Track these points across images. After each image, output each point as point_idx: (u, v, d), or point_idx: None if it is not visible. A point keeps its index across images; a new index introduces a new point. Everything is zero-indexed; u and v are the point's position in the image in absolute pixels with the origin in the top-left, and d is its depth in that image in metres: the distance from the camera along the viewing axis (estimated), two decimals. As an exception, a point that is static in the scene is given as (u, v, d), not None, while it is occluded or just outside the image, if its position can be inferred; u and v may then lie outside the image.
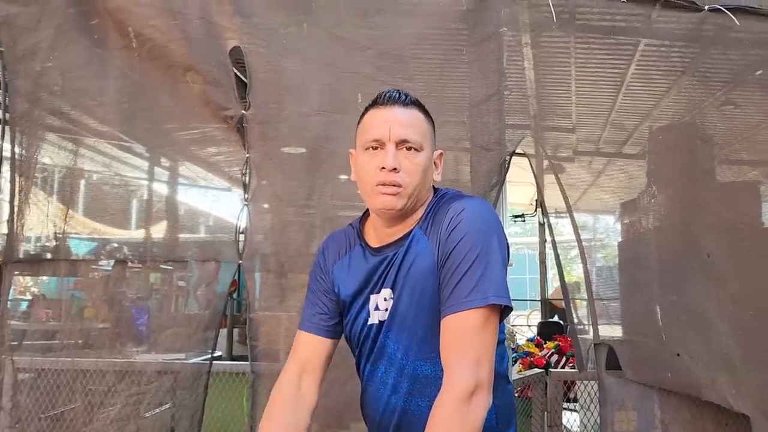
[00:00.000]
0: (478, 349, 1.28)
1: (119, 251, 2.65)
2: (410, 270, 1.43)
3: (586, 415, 3.03)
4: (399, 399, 1.46)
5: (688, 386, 2.18)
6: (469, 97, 2.51)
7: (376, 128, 1.43)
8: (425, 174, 1.44)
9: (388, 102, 1.44)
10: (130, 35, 2.58)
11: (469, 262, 1.33)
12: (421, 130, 1.45)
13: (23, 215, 2.59)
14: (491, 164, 2.44)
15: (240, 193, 2.49)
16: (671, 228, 2.49)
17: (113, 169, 2.73)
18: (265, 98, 2.51)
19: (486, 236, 1.36)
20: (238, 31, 2.52)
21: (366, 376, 1.55)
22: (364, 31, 2.55)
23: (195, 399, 2.37)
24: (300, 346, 1.59)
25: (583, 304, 2.75)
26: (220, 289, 2.44)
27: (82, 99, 2.65)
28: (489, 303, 1.29)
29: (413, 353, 1.44)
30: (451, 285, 1.33)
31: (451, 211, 1.41)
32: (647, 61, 3.19)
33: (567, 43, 2.88)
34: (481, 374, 1.25)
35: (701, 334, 2.16)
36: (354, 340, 1.57)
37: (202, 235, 2.63)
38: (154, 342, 2.53)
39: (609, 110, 4.05)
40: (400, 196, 1.41)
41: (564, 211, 2.66)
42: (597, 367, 2.42)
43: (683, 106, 3.13)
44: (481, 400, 1.24)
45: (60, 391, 2.47)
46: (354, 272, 1.55)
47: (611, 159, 3.98)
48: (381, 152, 1.41)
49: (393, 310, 1.46)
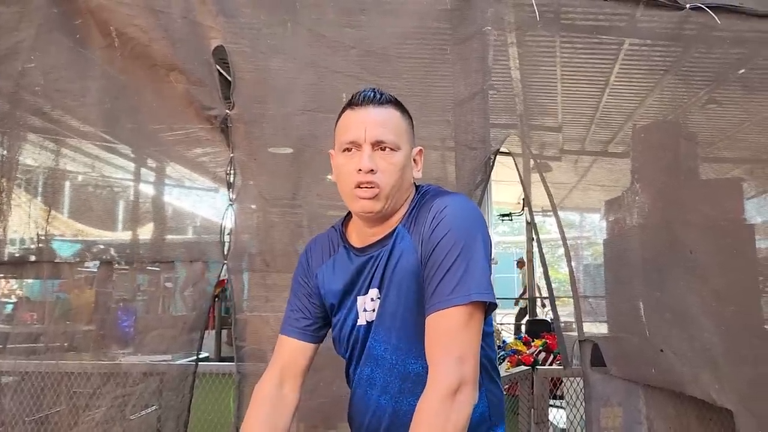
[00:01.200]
0: (462, 347, 1.27)
1: (105, 253, 2.62)
2: (396, 269, 1.43)
3: (572, 411, 3.05)
4: (389, 399, 1.46)
5: (672, 382, 2.19)
6: (453, 96, 2.51)
7: (351, 130, 1.42)
8: (403, 173, 1.43)
9: (363, 102, 1.43)
10: (113, 34, 2.56)
11: (451, 259, 1.32)
12: (397, 128, 1.44)
13: (5, 217, 2.56)
14: (476, 163, 2.44)
15: (225, 193, 2.47)
16: (655, 225, 2.51)
17: (97, 170, 2.70)
18: (250, 98, 2.50)
19: (469, 233, 1.36)
20: (222, 30, 2.51)
21: (355, 380, 1.54)
22: (348, 30, 2.55)
23: (181, 400, 2.36)
24: (282, 351, 1.58)
25: (569, 302, 2.77)
26: (207, 288, 2.42)
27: (64, 99, 2.62)
28: (472, 300, 1.29)
29: (403, 352, 1.44)
30: (434, 283, 1.33)
31: (434, 208, 1.40)
32: (631, 61, 3.21)
33: (552, 43, 2.90)
34: (466, 371, 1.25)
35: (685, 330, 2.18)
36: (343, 343, 1.56)
37: (188, 236, 2.62)
38: (140, 343, 2.51)
39: (594, 109, 4.07)
40: (377, 199, 1.40)
41: (550, 209, 2.67)
42: (582, 363, 2.43)
43: (667, 104, 3.15)
44: (466, 397, 1.24)
45: (44, 394, 2.44)
46: (339, 275, 1.54)
47: (597, 158, 4.01)
48: (357, 154, 1.41)
49: (380, 309, 1.45)
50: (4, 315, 2.64)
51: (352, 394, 1.56)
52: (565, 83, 3.41)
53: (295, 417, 1.53)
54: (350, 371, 1.57)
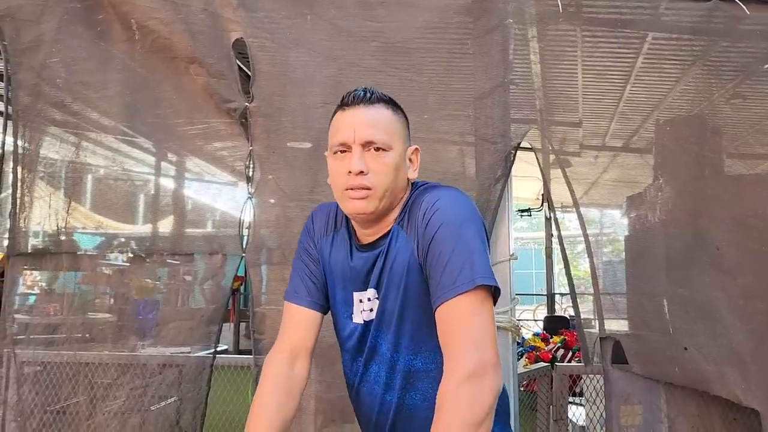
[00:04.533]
0: (476, 332, 1.25)
1: (125, 245, 2.64)
2: (392, 268, 1.42)
3: (591, 408, 3.01)
4: (394, 395, 1.46)
5: (696, 380, 2.15)
6: (474, 90, 2.48)
7: (341, 131, 1.40)
8: (396, 173, 1.40)
9: (352, 103, 1.41)
10: (133, 27, 2.57)
11: (449, 251, 1.31)
12: (389, 128, 1.40)
13: (27, 209, 2.59)
14: (496, 157, 2.41)
15: (244, 186, 2.47)
16: (680, 221, 2.46)
17: (117, 163, 2.72)
18: (269, 91, 2.49)
19: (462, 223, 1.34)
20: (242, 23, 2.50)
21: (359, 377, 1.53)
22: (368, 23, 2.53)
23: (198, 392, 2.36)
24: (292, 322, 1.55)
25: (589, 299, 2.73)
26: (225, 282, 2.42)
27: (85, 92, 2.64)
28: (476, 284, 1.27)
29: (403, 349, 1.44)
30: (437, 276, 1.31)
31: (425, 203, 1.39)
32: (655, 54, 3.16)
33: (574, 36, 2.85)
34: (484, 356, 1.21)
35: (710, 328, 2.14)
36: (342, 334, 1.55)
37: (208, 229, 2.62)
38: (159, 335, 2.52)
39: (616, 104, 4.02)
40: (370, 199, 1.38)
41: (570, 205, 2.64)
42: (602, 361, 2.40)
43: (692, 99, 3.09)
44: (488, 382, 1.19)
45: (64, 385, 2.47)
46: (337, 256, 1.53)
47: (618, 153, 3.95)
48: (348, 155, 1.38)
49: (380, 309, 1.45)
50: (27, 306, 2.66)
51: (356, 391, 1.55)
52: (587, 77, 3.36)
53: (313, 410, 1.53)
54: (351, 365, 1.56)
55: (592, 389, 2.98)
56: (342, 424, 2.41)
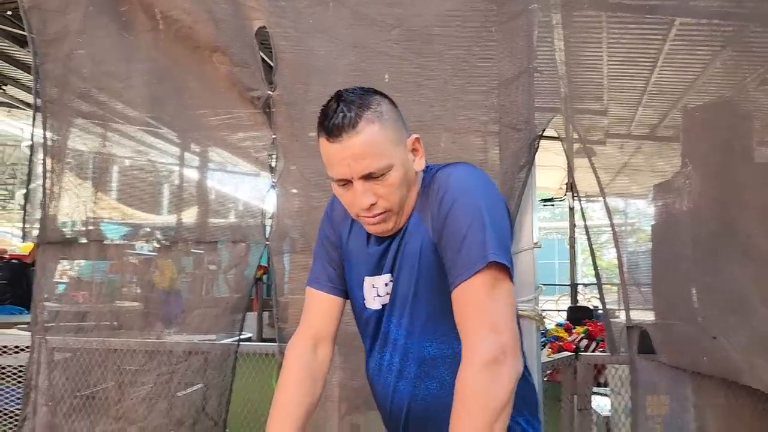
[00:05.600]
0: (494, 315, 1.21)
1: (150, 235, 2.67)
2: (404, 252, 1.39)
3: (617, 399, 2.99)
4: (407, 384, 1.42)
5: (725, 370, 2.11)
6: (498, 76, 2.45)
7: (336, 167, 1.31)
8: (404, 182, 1.35)
9: (336, 133, 1.28)
10: (158, 17, 2.58)
11: (464, 229, 1.26)
12: (382, 145, 1.30)
13: (56, 199, 2.63)
14: (520, 145, 2.38)
15: (267, 176, 2.48)
16: (709, 209, 2.41)
17: (142, 154, 2.75)
18: (292, 79, 2.50)
19: (475, 200, 1.30)
20: (264, 11, 2.50)
21: (374, 365, 1.50)
22: (390, 9, 2.51)
23: (223, 379, 2.39)
24: (315, 308, 1.55)
25: (613, 289, 2.71)
26: (248, 272, 2.44)
27: (111, 82, 2.66)
28: (489, 260, 1.22)
29: (417, 335, 1.40)
30: (452, 254, 1.27)
31: (437, 180, 1.36)
32: (683, 40, 3.09)
33: (599, 22, 2.80)
34: (503, 339, 1.18)
35: (741, 317, 2.10)
36: (357, 319, 1.54)
37: (231, 219, 2.64)
38: (184, 323, 2.55)
39: (642, 91, 3.95)
40: (387, 220, 1.36)
41: (594, 194, 2.60)
42: (629, 350, 2.37)
43: (719, 85, 3.03)
44: (507, 366, 1.16)
45: (93, 371, 2.51)
46: (354, 244, 1.52)
47: (644, 141, 3.90)
48: (351, 187, 1.32)
49: (393, 294, 1.42)
50: (57, 294, 2.71)
51: (372, 380, 1.52)
52: (612, 64, 3.31)
53: (337, 398, 1.52)
54: (368, 355, 1.53)
55: (618, 379, 2.96)
56: (366, 411, 2.42)
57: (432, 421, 1.39)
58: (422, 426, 1.43)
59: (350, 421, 2.52)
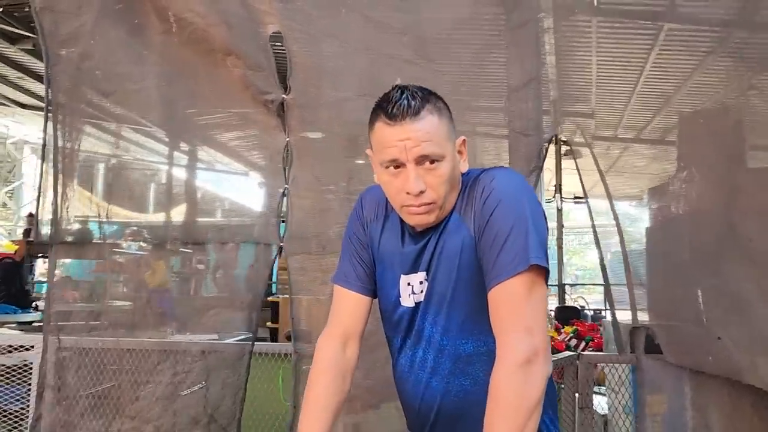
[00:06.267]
0: (529, 317, 1.25)
1: (166, 237, 2.69)
2: (443, 250, 1.42)
3: (615, 397, 3.05)
4: (441, 381, 1.45)
5: (728, 370, 2.18)
6: (507, 82, 2.51)
7: (391, 148, 1.33)
8: (452, 178, 1.39)
9: (398, 116, 1.32)
10: (171, 20, 2.60)
11: (506, 231, 1.30)
12: (439, 135, 1.35)
13: (68, 199, 2.64)
14: (530, 150, 2.44)
15: (280, 178, 2.51)
16: (707, 213, 2.48)
17: (155, 155, 2.77)
18: (305, 82, 2.53)
19: (519, 203, 1.34)
20: (278, 15, 2.53)
21: (405, 362, 1.52)
22: (401, 15, 2.55)
23: (238, 378, 2.42)
24: (344, 307, 1.56)
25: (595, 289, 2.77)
26: (262, 272, 2.47)
27: (123, 84, 2.68)
28: (531, 263, 1.26)
29: (453, 333, 1.43)
30: (493, 256, 1.31)
31: (481, 182, 1.39)
32: (670, 46, 3.16)
33: (588, 27, 2.85)
34: (536, 341, 1.23)
35: (742, 318, 2.17)
36: (387, 317, 1.55)
37: (244, 219, 2.67)
38: (198, 322, 2.58)
39: (629, 96, 4.04)
40: (431, 213, 1.38)
41: (582, 196, 2.67)
42: (636, 350, 2.44)
43: (706, 91, 3.11)
44: (539, 368, 1.22)
45: (106, 370, 2.53)
46: (387, 243, 1.53)
47: (631, 144, 3.97)
48: (402, 172, 1.34)
49: (429, 292, 1.45)
50: (65, 293, 2.71)
51: (401, 376, 1.54)
52: (601, 69, 3.38)
53: (350, 395, 1.54)
54: (399, 351, 1.54)
55: (617, 378, 3.03)
56: (376, 408, 2.47)
57: (462, 418, 1.44)
58: (452, 422, 1.46)
59: (351, 420, 2.56)
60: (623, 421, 3.00)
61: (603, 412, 3.83)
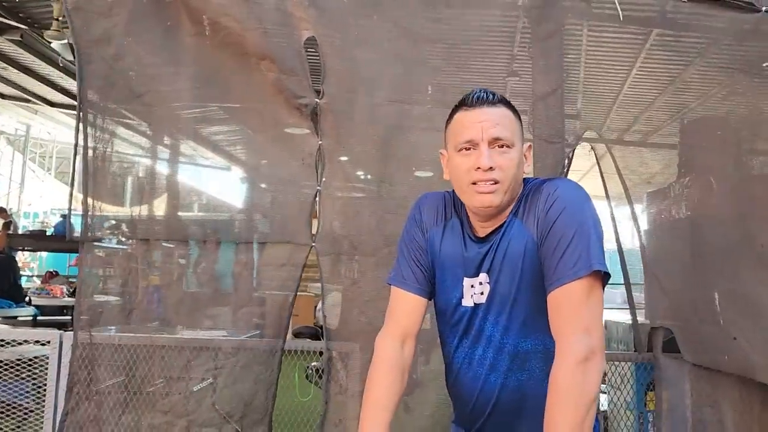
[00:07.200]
0: (588, 318, 1.36)
1: (193, 233, 2.73)
2: (506, 254, 1.51)
3: (617, 394, 3.17)
4: (498, 376, 1.54)
5: (743, 368, 2.31)
6: (533, 91, 2.60)
7: (467, 129, 1.48)
8: (518, 168, 1.50)
9: (476, 103, 1.49)
10: (204, 23, 2.64)
11: (569, 236, 1.40)
12: (511, 126, 1.50)
13: (99, 198, 2.67)
14: (555, 157, 2.54)
15: (313, 180, 2.58)
16: (720, 218, 2.60)
17: (189, 157, 2.80)
18: (338, 88, 2.59)
19: (582, 211, 1.45)
20: (312, 21, 2.59)
21: (461, 359, 1.61)
22: (432, 24, 2.63)
23: (270, 374, 2.48)
24: (403, 307, 1.64)
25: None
26: (295, 272, 2.53)
27: (155, 85, 2.71)
28: (593, 269, 1.37)
29: (514, 333, 1.53)
30: (555, 259, 1.41)
31: (545, 190, 1.49)
32: (658, 51, 3.25)
33: (579, 31, 2.94)
34: (593, 341, 1.33)
35: (756, 318, 2.30)
36: (449, 320, 1.63)
37: (276, 218, 2.73)
38: (229, 320, 2.63)
39: (614, 98, 4.15)
40: (497, 193, 1.47)
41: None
42: (654, 349, 2.56)
43: (690, 97, 3.22)
44: (596, 365, 1.32)
45: (139, 366, 2.57)
46: (450, 246, 1.61)
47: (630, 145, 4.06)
48: (475, 152, 1.47)
49: (491, 293, 1.54)
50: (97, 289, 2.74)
51: (457, 372, 1.63)
52: (589, 71, 3.47)
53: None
54: (455, 350, 1.63)
55: (617, 376, 3.15)
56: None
57: (517, 411, 1.55)
58: (507, 415, 1.56)
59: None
60: (626, 417, 3.12)
61: (602, 408, 3.95)
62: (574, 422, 1.28)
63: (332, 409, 2.56)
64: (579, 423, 1.28)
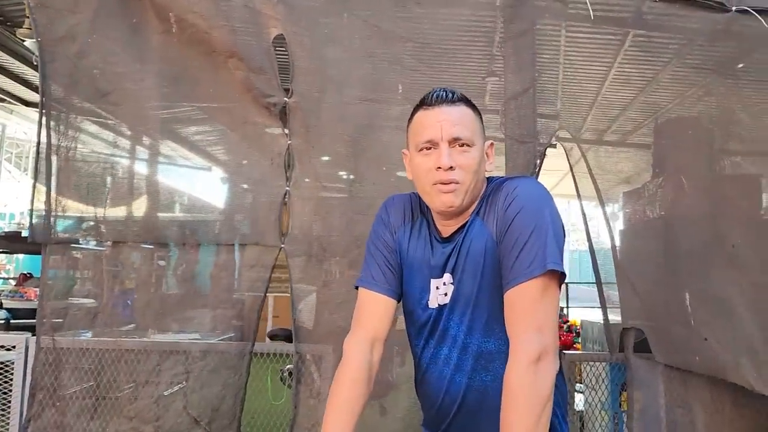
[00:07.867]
0: (541, 318, 1.35)
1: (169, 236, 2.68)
2: (468, 253, 1.51)
3: (591, 394, 3.17)
4: (463, 376, 1.54)
5: (714, 369, 2.31)
6: (505, 90, 2.59)
7: (427, 129, 1.47)
8: (479, 167, 1.50)
9: (436, 102, 1.48)
10: (171, 21, 2.60)
11: (526, 235, 1.40)
12: (471, 125, 1.49)
13: (64, 198, 2.61)
14: (527, 156, 2.52)
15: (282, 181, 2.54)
16: (696, 219, 2.60)
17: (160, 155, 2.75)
18: (308, 86, 2.56)
19: (540, 210, 1.44)
20: (281, 19, 2.55)
21: (428, 359, 1.60)
22: (403, 23, 2.60)
23: (239, 378, 2.44)
24: (371, 309, 1.61)
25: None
26: (263, 273, 2.49)
27: (121, 83, 2.66)
28: (548, 269, 1.36)
29: (477, 332, 1.52)
30: (511, 258, 1.40)
31: (505, 189, 1.49)
32: (635, 52, 3.27)
33: (557, 32, 2.94)
34: (546, 340, 1.32)
35: (727, 319, 2.30)
36: (416, 321, 1.62)
37: (244, 219, 2.68)
38: (197, 322, 2.59)
39: (594, 99, 4.17)
40: (457, 193, 1.47)
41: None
42: (625, 350, 2.55)
43: (665, 98, 3.23)
44: (548, 365, 1.31)
45: (104, 371, 2.52)
46: (416, 246, 1.60)
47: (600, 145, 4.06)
48: (435, 152, 1.47)
49: (455, 293, 1.53)
50: (62, 292, 2.68)
51: (424, 372, 1.62)
52: (566, 71, 3.47)
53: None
54: (422, 350, 1.62)
55: (593, 376, 3.14)
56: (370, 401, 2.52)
57: (481, 411, 1.53)
58: (472, 415, 1.55)
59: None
60: (601, 417, 3.12)
61: (578, 408, 3.96)
62: (529, 422, 1.27)
63: (304, 413, 2.52)
64: (534, 423, 1.27)
